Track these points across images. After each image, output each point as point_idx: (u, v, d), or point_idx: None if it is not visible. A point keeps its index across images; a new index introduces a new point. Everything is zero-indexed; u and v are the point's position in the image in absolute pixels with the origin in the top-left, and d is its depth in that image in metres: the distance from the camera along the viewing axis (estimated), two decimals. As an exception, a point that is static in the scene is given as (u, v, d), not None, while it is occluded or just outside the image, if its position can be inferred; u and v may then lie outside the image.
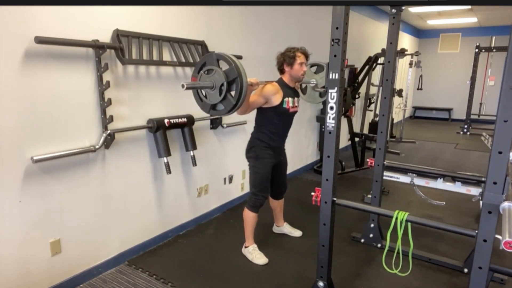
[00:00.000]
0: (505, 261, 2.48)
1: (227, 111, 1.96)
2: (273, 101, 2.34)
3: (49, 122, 1.96)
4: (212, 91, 1.93)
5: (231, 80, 1.87)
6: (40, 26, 1.84)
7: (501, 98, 1.32)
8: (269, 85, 2.34)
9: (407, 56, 6.31)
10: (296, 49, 2.40)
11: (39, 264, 2.03)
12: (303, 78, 2.46)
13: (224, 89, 1.88)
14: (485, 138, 6.67)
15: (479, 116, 8.45)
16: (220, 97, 1.91)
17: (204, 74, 1.94)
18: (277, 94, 2.35)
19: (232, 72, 1.86)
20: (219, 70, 1.88)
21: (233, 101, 1.90)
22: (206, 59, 1.96)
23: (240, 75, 1.85)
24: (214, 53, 1.95)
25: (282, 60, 2.41)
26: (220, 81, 1.88)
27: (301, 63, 2.38)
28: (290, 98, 2.41)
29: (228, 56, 1.88)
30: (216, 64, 1.91)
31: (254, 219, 2.51)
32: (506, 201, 1.38)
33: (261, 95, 2.31)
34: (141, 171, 2.58)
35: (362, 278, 2.36)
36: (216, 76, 1.89)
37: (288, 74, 2.42)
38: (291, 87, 2.47)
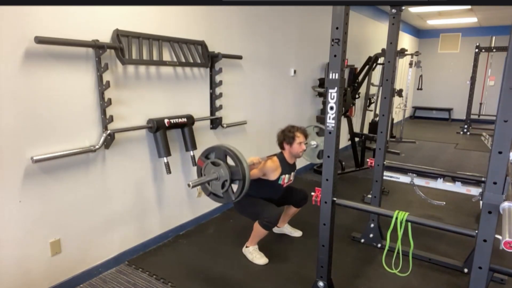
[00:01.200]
0: (505, 261, 2.48)
1: (226, 202, 2.13)
2: (270, 177, 2.50)
3: (49, 122, 1.96)
4: (216, 182, 2.08)
5: (235, 179, 2.03)
6: (40, 26, 1.84)
7: (501, 98, 1.32)
8: (270, 162, 2.50)
9: (407, 56, 6.31)
10: (296, 129, 2.54)
11: (39, 264, 2.03)
12: (301, 155, 2.61)
13: (227, 185, 2.05)
14: (485, 138, 6.67)
15: (479, 116, 8.45)
16: (222, 190, 2.07)
17: (211, 164, 2.08)
18: (276, 172, 2.50)
19: (237, 173, 2.02)
20: (225, 166, 2.04)
21: (232, 197, 2.07)
22: (215, 150, 2.11)
23: (244, 178, 2.00)
24: (223, 147, 2.09)
25: (282, 139, 2.56)
26: (225, 177, 2.04)
27: (300, 142, 2.51)
28: (287, 175, 2.58)
29: (237, 156, 2.01)
30: (223, 158, 2.06)
31: (264, 233, 2.51)
32: (506, 201, 1.38)
33: (261, 170, 2.45)
34: (141, 171, 2.58)
35: (362, 278, 2.36)
36: (221, 170, 2.05)
37: (288, 151, 2.57)
38: (290, 164, 2.61)
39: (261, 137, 3.80)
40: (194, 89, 2.91)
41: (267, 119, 3.92)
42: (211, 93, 3.05)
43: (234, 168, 2.02)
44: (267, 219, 2.39)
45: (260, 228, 2.44)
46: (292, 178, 2.67)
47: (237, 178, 2.02)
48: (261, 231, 2.47)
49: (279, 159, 2.54)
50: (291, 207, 2.82)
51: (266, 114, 3.90)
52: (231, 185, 2.07)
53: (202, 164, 2.13)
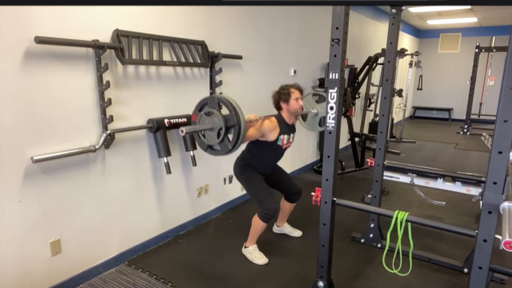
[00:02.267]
0: (505, 261, 2.48)
1: (223, 153, 2.04)
2: (269, 137, 2.41)
3: (49, 122, 1.96)
4: (211, 132, 2.00)
5: (229, 126, 1.94)
6: (40, 26, 1.84)
7: (501, 98, 1.32)
8: (268, 121, 2.40)
9: (407, 56, 6.30)
10: (290, 85, 2.48)
11: (39, 264, 2.03)
12: (301, 112, 2.53)
13: (222, 133, 1.96)
14: (485, 138, 6.68)
15: (479, 116, 8.45)
16: (218, 139, 1.98)
17: (205, 115, 2.00)
18: (274, 131, 2.42)
19: (231, 119, 1.93)
20: (219, 114, 1.94)
21: (229, 146, 1.98)
22: (208, 100, 2.02)
23: (239, 123, 1.91)
24: (215, 96, 2.02)
25: (278, 98, 2.49)
26: (219, 125, 1.95)
27: (297, 98, 2.45)
28: (286, 136, 2.49)
29: (229, 101, 1.93)
30: (217, 107, 1.97)
31: (262, 228, 2.51)
32: (506, 201, 1.38)
33: (259, 130, 2.36)
34: (141, 171, 2.58)
35: (362, 278, 2.36)
36: (215, 119, 1.96)
37: (286, 110, 2.49)
38: (289, 124, 2.54)
39: (261, 137, 3.79)
40: (194, 89, 2.91)
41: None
42: (211, 93, 3.05)
43: (228, 116, 1.93)
44: (266, 210, 2.40)
45: (258, 221, 2.45)
46: (292, 140, 2.58)
47: (232, 125, 1.93)
48: (259, 225, 2.47)
49: (277, 119, 2.46)
50: (285, 202, 2.80)
51: (266, 114, 3.88)
52: (227, 135, 1.98)
53: (196, 118, 2.03)
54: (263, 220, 2.44)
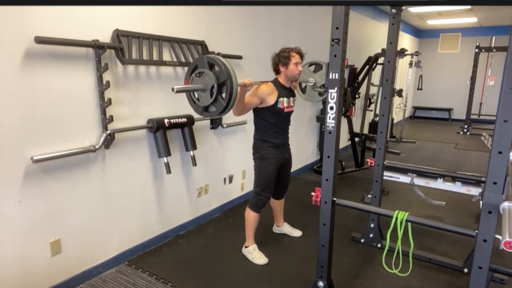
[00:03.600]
0: (505, 261, 2.48)
1: (219, 113, 1.98)
2: (267, 101, 2.35)
3: (49, 122, 1.96)
4: (203, 94, 1.95)
5: (221, 82, 1.89)
6: (40, 26, 1.84)
7: (501, 98, 1.32)
8: (264, 85, 2.35)
9: (407, 56, 6.31)
10: (291, 49, 2.41)
11: (39, 264, 2.03)
12: (299, 77, 2.47)
13: (214, 91, 1.91)
14: (485, 138, 6.68)
15: (479, 116, 8.45)
16: (211, 99, 1.93)
17: (196, 77, 1.96)
18: (272, 94, 2.36)
19: (221, 75, 1.88)
20: (209, 72, 1.90)
21: (223, 103, 1.92)
22: (198, 62, 1.97)
23: (229, 77, 1.86)
24: (205, 56, 1.97)
25: (277, 61, 2.42)
26: (211, 83, 1.91)
27: (296, 62, 2.39)
28: (285, 98, 2.42)
29: (218, 58, 1.89)
30: (207, 67, 1.93)
31: (255, 219, 2.52)
32: (506, 201, 1.38)
33: (255, 95, 2.32)
34: (141, 171, 2.58)
35: (362, 278, 2.36)
36: (207, 78, 1.91)
37: (284, 74, 2.43)
38: (287, 87, 2.47)
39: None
40: (194, 89, 2.91)
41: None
42: (211, 93, 3.05)
43: (218, 72, 1.90)
44: (257, 198, 2.42)
45: (250, 212, 2.47)
46: (293, 104, 2.51)
47: (223, 80, 1.88)
48: (252, 217, 2.48)
49: (274, 83, 2.41)
50: (273, 201, 2.80)
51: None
52: (221, 93, 1.94)
53: (188, 82, 2.01)
54: (253, 210, 2.45)
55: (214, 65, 1.91)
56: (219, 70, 1.89)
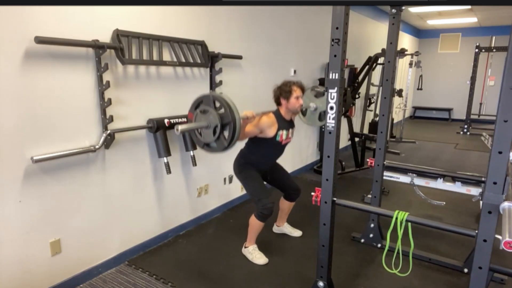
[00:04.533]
0: (505, 261, 2.48)
1: (219, 150, 2.06)
2: (267, 133, 2.40)
3: (49, 122, 1.96)
4: (206, 130, 2.01)
5: (225, 123, 1.95)
6: (40, 26, 1.84)
7: (501, 98, 1.32)
8: (265, 117, 2.40)
9: (407, 56, 6.30)
10: (292, 83, 2.46)
11: (39, 264, 2.03)
12: (299, 110, 2.53)
13: (218, 130, 1.97)
14: (485, 138, 6.68)
15: (479, 116, 8.45)
16: (214, 137, 1.99)
17: (200, 113, 2.01)
18: (272, 127, 2.41)
19: (226, 117, 1.93)
20: (214, 112, 1.96)
21: (225, 143, 1.98)
22: (203, 98, 2.03)
23: (234, 120, 1.92)
24: (211, 94, 2.02)
25: (278, 94, 2.47)
26: (215, 123, 1.96)
27: (297, 96, 2.44)
28: (285, 131, 2.48)
29: (224, 99, 1.93)
30: (212, 105, 1.98)
31: (260, 227, 2.51)
32: (506, 201, 1.38)
33: (257, 126, 2.36)
34: (141, 171, 2.58)
35: (362, 278, 2.36)
36: (211, 117, 1.97)
37: (285, 107, 2.48)
38: (287, 120, 2.52)
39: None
40: (194, 89, 2.91)
41: (267, 119, 3.91)
42: (211, 93, 3.05)
43: (223, 113, 1.94)
44: (262, 209, 2.40)
45: (255, 220, 2.45)
46: (291, 135, 2.56)
47: (227, 122, 1.93)
48: (256, 224, 2.47)
49: (275, 115, 2.45)
50: (284, 201, 2.80)
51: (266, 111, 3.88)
52: (223, 133, 1.98)
53: (192, 116, 2.05)
54: (259, 219, 2.44)
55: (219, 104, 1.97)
56: (224, 112, 1.94)
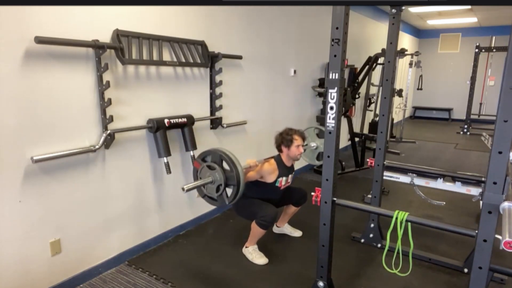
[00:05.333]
0: (505, 261, 2.48)
1: (219, 205, 2.17)
2: (267, 179, 2.50)
3: (49, 122, 1.96)
4: (211, 185, 2.11)
5: (229, 183, 2.05)
6: (40, 26, 1.84)
7: (501, 98, 1.32)
8: (267, 164, 2.48)
9: (407, 56, 6.31)
10: (294, 131, 2.54)
11: (39, 264, 2.03)
12: (299, 158, 2.60)
13: (221, 189, 2.07)
14: (485, 138, 6.67)
15: (479, 116, 8.45)
16: (217, 193, 2.10)
17: (207, 167, 2.10)
18: (273, 174, 2.50)
19: (231, 178, 2.04)
20: (220, 170, 2.06)
21: (226, 201, 2.09)
22: (212, 153, 2.14)
23: (238, 183, 2.02)
24: (218, 151, 2.11)
25: (280, 142, 2.56)
26: (219, 181, 2.06)
27: (298, 145, 2.52)
28: (284, 178, 2.58)
29: (232, 160, 2.03)
30: (219, 161, 2.08)
31: (261, 233, 2.51)
32: (506, 201, 1.38)
33: (258, 172, 2.44)
34: (141, 171, 2.58)
35: (362, 278, 2.36)
36: (217, 175, 2.07)
37: (286, 154, 2.56)
38: (288, 166, 2.60)
39: (261, 137, 3.80)
40: (194, 89, 2.91)
41: (267, 119, 3.92)
42: (211, 93, 3.05)
43: (229, 173, 2.05)
44: (263, 219, 2.39)
45: (257, 227, 2.45)
46: (290, 180, 2.68)
47: (232, 183, 2.04)
48: (258, 231, 2.47)
49: (276, 161, 2.55)
50: (290, 206, 2.82)
51: (266, 114, 3.90)
52: (226, 189, 2.10)
53: (199, 166, 2.16)
54: (261, 228, 2.44)
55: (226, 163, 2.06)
56: (230, 172, 2.04)
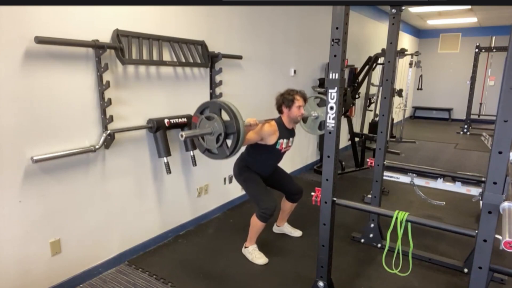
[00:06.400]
0: (505, 261, 2.48)
1: (220, 158, 2.06)
2: (268, 141, 2.43)
3: (49, 122, 1.96)
4: (210, 137, 2.01)
5: (229, 133, 1.96)
6: (40, 26, 1.84)
7: (501, 98, 1.32)
8: (267, 125, 2.41)
9: (407, 56, 6.30)
10: (295, 92, 2.48)
11: (39, 264, 2.03)
12: (300, 119, 2.55)
13: (221, 138, 1.97)
14: (485, 138, 6.68)
15: (479, 116, 8.45)
16: (217, 145, 2.00)
17: (205, 119, 2.01)
18: (273, 135, 2.43)
19: (231, 126, 1.94)
20: (219, 119, 1.96)
21: (227, 152, 1.99)
22: (210, 104, 2.05)
23: (238, 131, 1.93)
24: (217, 101, 2.03)
25: (281, 102, 2.49)
26: (219, 131, 1.97)
27: (299, 106, 2.46)
28: (285, 140, 2.51)
29: (231, 108, 1.94)
30: (218, 112, 1.99)
31: (261, 227, 2.51)
32: (506, 201, 1.38)
33: (258, 134, 2.38)
34: (141, 171, 2.58)
35: (362, 278, 2.36)
36: (215, 124, 1.97)
37: (287, 115, 2.50)
38: (289, 128, 2.55)
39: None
40: (194, 89, 2.91)
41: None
42: (211, 93, 3.05)
43: (229, 122, 1.95)
44: (263, 210, 2.40)
45: (256, 221, 2.45)
46: (291, 143, 2.60)
47: (232, 132, 1.94)
48: (258, 224, 2.47)
49: (277, 123, 2.48)
50: (286, 202, 2.81)
51: (266, 114, 3.88)
52: (226, 141, 1.99)
53: (197, 120, 2.05)
54: (261, 220, 2.44)
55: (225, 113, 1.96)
56: (229, 121, 1.95)
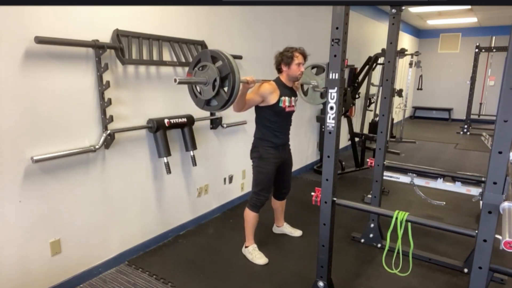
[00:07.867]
0: (505, 261, 2.48)
1: (220, 107, 1.98)
2: (269, 100, 2.35)
3: (49, 122, 1.96)
4: (205, 87, 1.95)
5: (224, 76, 1.89)
6: (40, 26, 1.84)
7: (501, 98, 1.32)
8: (266, 83, 2.34)
9: (407, 56, 6.30)
10: (295, 49, 2.40)
11: (39, 264, 2.03)
12: (300, 77, 2.47)
13: (217, 84, 1.90)
14: (485, 138, 6.68)
15: (479, 116, 8.45)
16: (213, 92, 1.93)
17: (199, 70, 1.96)
18: (274, 93, 2.35)
19: (224, 68, 1.88)
20: (212, 66, 1.90)
21: (225, 97, 1.92)
22: (201, 55, 1.98)
23: (232, 71, 1.86)
24: (208, 49, 1.96)
25: (280, 60, 2.41)
26: (213, 77, 1.90)
27: (299, 63, 2.38)
28: (287, 98, 2.41)
29: (221, 52, 1.89)
30: (210, 61, 1.92)
31: (255, 219, 2.51)
32: (506, 201, 1.38)
33: (257, 93, 2.32)
34: (141, 171, 2.58)
35: (362, 278, 2.36)
36: (209, 72, 1.91)
37: (286, 73, 2.43)
38: (289, 87, 2.47)
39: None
40: (194, 89, 2.91)
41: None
42: (211, 93, 3.05)
43: (221, 65, 1.90)
44: (257, 198, 2.41)
45: (249, 212, 2.47)
46: (294, 103, 2.49)
47: (226, 73, 1.88)
48: (250, 215, 2.48)
49: (276, 82, 2.41)
50: (275, 201, 2.80)
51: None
52: (223, 87, 1.93)
53: (191, 75, 2.01)
54: (252, 209, 2.44)
55: (217, 59, 1.90)
56: (222, 64, 1.88)
